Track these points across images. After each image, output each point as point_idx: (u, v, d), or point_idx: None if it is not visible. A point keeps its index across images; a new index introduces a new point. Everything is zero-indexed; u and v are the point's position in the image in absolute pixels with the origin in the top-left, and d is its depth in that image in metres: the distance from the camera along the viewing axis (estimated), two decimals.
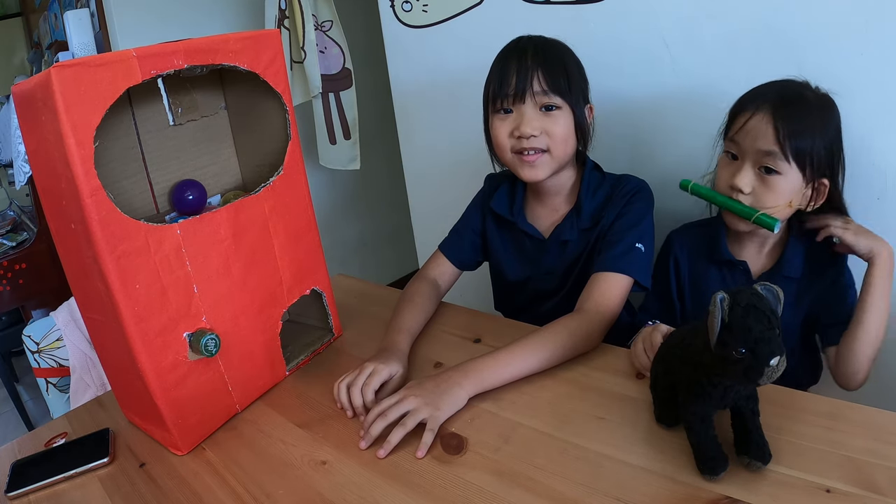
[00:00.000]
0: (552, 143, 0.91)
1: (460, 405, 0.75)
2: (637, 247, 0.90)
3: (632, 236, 0.91)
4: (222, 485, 0.70)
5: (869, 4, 0.84)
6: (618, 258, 0.89)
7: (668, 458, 0.63)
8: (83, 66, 0.60)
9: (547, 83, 0.89)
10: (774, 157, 0.80)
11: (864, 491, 0.55)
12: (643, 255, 0.90)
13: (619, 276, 0.88)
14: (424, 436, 0.70)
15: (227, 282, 0.78)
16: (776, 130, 0.79)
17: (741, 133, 0.83)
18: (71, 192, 0.63)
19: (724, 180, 0.87)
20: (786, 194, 0.81)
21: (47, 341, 1.38)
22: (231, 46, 0.76)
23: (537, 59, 0.90)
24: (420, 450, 0.69)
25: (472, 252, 1.09)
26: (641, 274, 0.90)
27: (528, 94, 0.89)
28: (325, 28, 1.95)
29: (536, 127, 0.90)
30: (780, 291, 0.56)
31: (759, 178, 0.82)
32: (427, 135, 1.52)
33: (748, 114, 0.83)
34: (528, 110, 0.91)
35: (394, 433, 0.70)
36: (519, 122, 0.91)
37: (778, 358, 0.52)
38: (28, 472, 0.76)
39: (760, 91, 0.84)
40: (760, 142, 0.81)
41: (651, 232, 0.94)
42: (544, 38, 0.94)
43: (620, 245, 0.90)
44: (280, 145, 0.87)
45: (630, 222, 0.93)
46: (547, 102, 0.90)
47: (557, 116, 0.91)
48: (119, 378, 0.81)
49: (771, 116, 0.80)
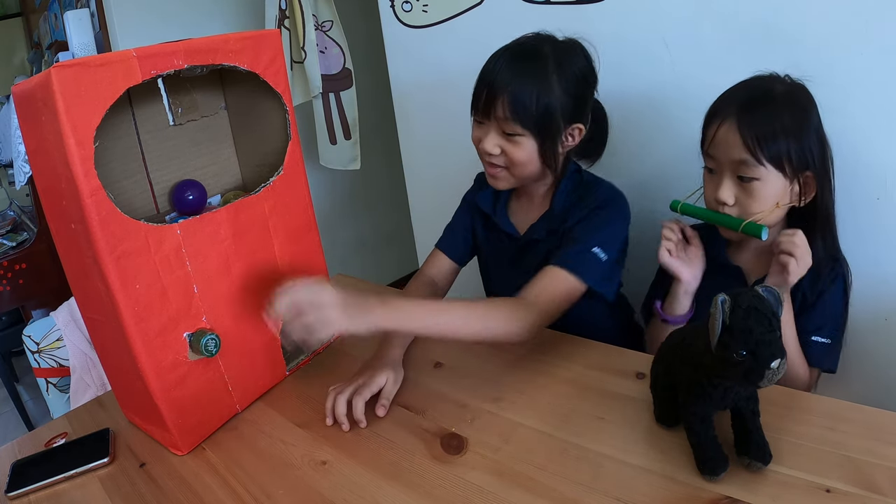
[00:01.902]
0: (511, 165, 0.90)
1: (364, 327, 0.71)
2: (594, 251, 0.86)
3: (591, 240, 0.87)
4: (222, 485, 0.70)
5: (869, 4, 0.84)
6: (569, 256, 0.86)
7: (668, 458, 0.63)
8: (83, 66, 0.60)
9: (509, 111, 0.85)
10: (748, 165, 0.79)
11: (864, 491, 0.55)
12: (600, 261, 0.86)
13: (565, 273, 0.85)
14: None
15: (227, 282, 0.78)
16: (743, 138, 0.78)
17: (713, 146, 0.83)
18: (71, 192, 0.63)
19: (709, 195, 0.87)
20: (769, 198, 0.81)
21: (47, 341, 1.38)
22: (231, 46, 0.76)
23: (504, 82, 0.86)
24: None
25: (465, 247, 1.09)
26: (593, 278, 0.86)
27: (493, 116, 0.88)
28: (326, 28, 1.95)
29: (495, 146, 0.89)
30: (781, 294, 0.56)
31: (740, 187, 0.82)
32: (427, 135, 1.52)
33: (715, 125, 0.83)
34: (491, 129, 0.90)
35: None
36: (483, 137, 0.91)
37: (779, 360, 0.52)
38: (28, 472, 0.76)
39: (725, 97, 0.84)
40: (731, 152, 0.80)
41: (617, 242, 0.90)
42: (525, 54, 0.88)
43: (577, 245, 0.88)
44: (280, 145, 0.87)
45: (592, 226, 0.90)
46: (508, 130, 0.88)
47: (519, 142, 0.88)
48: (119, 378, 0.81)
49: (736, 125, 0.79)
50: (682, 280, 0.88)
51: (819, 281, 0.85)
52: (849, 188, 0.91)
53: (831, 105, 0.87)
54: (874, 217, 0.91)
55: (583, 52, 0.91)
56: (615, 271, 0.90)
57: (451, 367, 0.86)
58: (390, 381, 0.81)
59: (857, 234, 0.92)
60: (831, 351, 0.85)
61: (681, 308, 0.89)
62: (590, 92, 0.93)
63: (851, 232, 0.91)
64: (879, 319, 0.94)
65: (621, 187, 0.98)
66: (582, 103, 0.90)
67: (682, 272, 0.88)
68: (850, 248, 0.89)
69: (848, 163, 0.90)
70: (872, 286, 0.93)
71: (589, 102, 0.93)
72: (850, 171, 0.90)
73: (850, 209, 0.91)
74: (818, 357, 0.84)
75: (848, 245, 0.89)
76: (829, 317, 0.85)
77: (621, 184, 0.98)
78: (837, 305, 0.86)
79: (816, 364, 0.85)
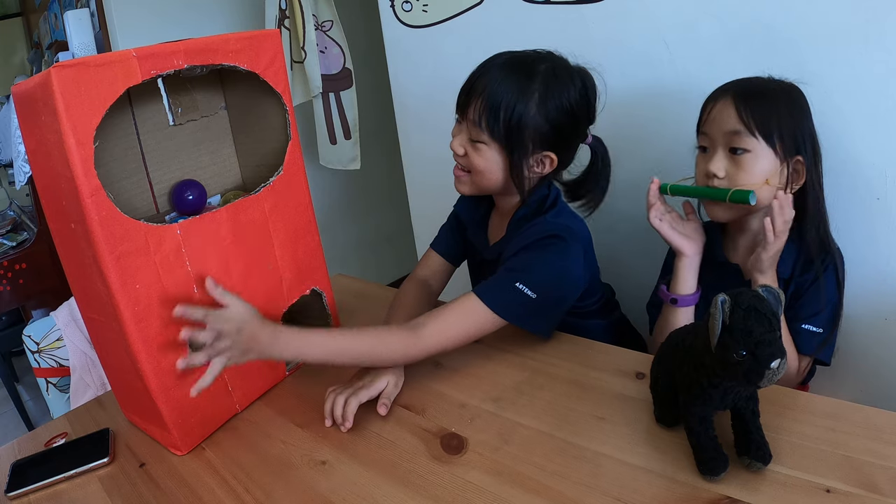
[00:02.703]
0: (472, 169, 0.90)
1: (255, 358, 0.73)
2: (517, 286, 0.82)
3: (518, 276, 0.82)
4: (222, 485, 0.70)
5: (869, 4, 0.84)
6: (490, 287, 0.83)
7: (668, 458, 0.63)
8: (83, 66, 0.60)
9: (478, 116, 0.85)
10: (741, 136, 0.81)
11: (864, 491, 0.55)
12: (526, 297, 0.82)
13: (481, 304, 0.81)
14: (212, 365, 0.70)
15: (227, 282, 0.78)
16: (737, 109, 0.81)
17: (707, 123, 0.86)
18: (71, 192, 0.63)
19: (700, 173, 0.89)
20: (760, 173, 0.82)
21: (47, 341, 1.38)
22: (231, 46, 0.76)
23: (483, 86, 0.85)
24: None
25: (458, 247, 1.08)
26: (512, 314, 0.82)
27: (465, 117, 0.88)
28: (326, 28, 1.95)
29: (460, 146, 0.89)
30: (781, 293, 0.56)
31: (731, 159, 0.84)
32: (427, 135, 1.52)
33: (711, 104, 0.86)
34: (462, 130, 0.89)
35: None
36: (456, 134, 0.91)
37: (779, 360, 0.52)
38: (28, 472, 0.76)
39: (723, 85, 0.87)
40: (725, 124, 0.83)
41: (552, 281, 0.84)
42: (516, 65, 0.85)
43: (501, 277, 0.84)
44: (280, 145, 0.87)
45: (525, 261, 0.84)
46: (474, 135, 0.87)
47: (481, 149, 0.87)
48: (119, 378, 0.81)
49: (732, 100, 0.83)
50: (685, 254, 0.89)
51: (811, 269, 0.86)
52: (849, 188, 0.91)
53: (831, 105, 0.87)
54: (874, 217, 0.91)
55: (582, 85, 0.87)
56: (547, 310, 0.85)
57: (451, 367, 0.86)
58: (391, 384, 0.80)
59: (856, 234, 0.92)
60: (824, 341, 0.85)
61: (686, 286, 0.89)
62: (573, 126, 0.88)
63: (851, 232, 0.91)
64: (879, 319, 0.94)
65: (621, 186, 0.98)
66: (560, 134, 0.86)
67: (684, 246, 0.89)
68: (849, 248, 0.89)
69: (848, 163, 0.90)
70: (872, 286, 0.93)
71: (570, 136, 0.89)
72: (850, 171, 0.90)
73: (850, 209, 0.91)
74: (808, 345, 0.85)
75: (848, 245, 0.89)
76: (822, 306, 0.85)
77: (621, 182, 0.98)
78: (831, 295, 0.86)
79: (806, 352, 0.85)
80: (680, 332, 0.67)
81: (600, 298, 0.99)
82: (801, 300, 0.86)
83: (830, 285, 0.86)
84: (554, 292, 0.85)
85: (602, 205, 0.97)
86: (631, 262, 1.17)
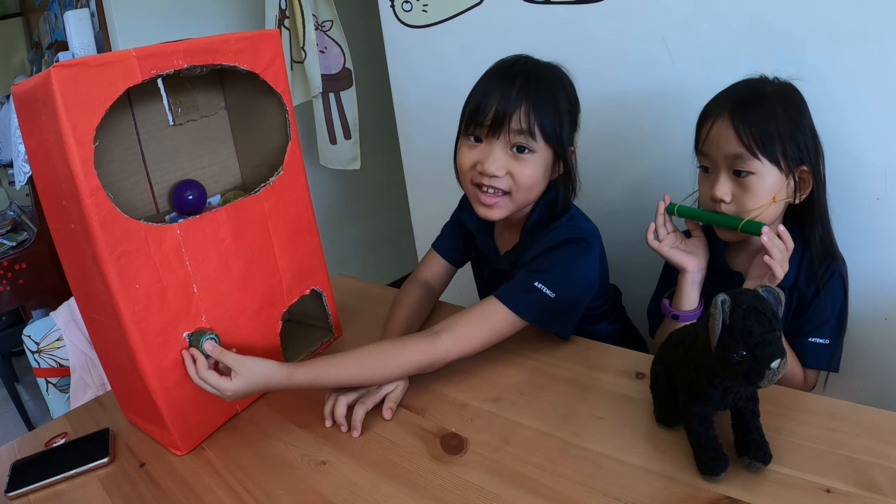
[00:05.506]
0: (515, 188, 0.84)
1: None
2: (537, 285, 0.81)
3: (538, 276, 0.82)
4: (222, 485, 0.70)
5: (869, 4, 0.84)
6: (511, 289, 0.82)
7: (668, 458, 0.63)
8: (83, 66, 0.60)
9: (528, 122, 0.80)
10: (743, 159, 0.79)
11: (864, 491, 0.55)
12: (546, 297, 0.81)
13: (502, 307, 0.81)
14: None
15: (227, 282, 0.78)
16: (737, 132, 0.79)
17: (707, 144, 0.84)
18: (71, 192, 0.63)
19: (704, 195, 0.87)
20: (766, 193, 0.80)
21: (47, 341, 1.38)
22: (231, 46, 0.76)
23: (525, 93, 0.81)
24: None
25: (460, 248, 1.07)
26: (533, 314, 0.81)
27: (504, 130, 0.81)
28: (326, 28, 1.95)
29: (502, 167, 0.83)
30: (781, 294, 0.56)
31: (736, 182, 0.82)
32: (427, 135, 1.52)
33: (708, 123, 0.83)
34: (497, 148, 0.83)
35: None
36: (485, 157, 0.84)
37: (779, 360, 0.52)
38: (28, 472, 0.76)
39: (718, 98, 0.85)
40: (726, 147, 0.80)
41: (570, 281, 0.83)
42: (540, 66, 0.86)
43: (521, 279, 0.83)
44: (280, 145, 0.87)
45: (543, 265, 0.83)
46: (520, 143, 0.82)
47: (528, 160, 0.83)
48: (119, 378, 0.81)
49: (730, 120, 0.80)
50: (688, 270, 0.88)
51: (815, 279, 0.85)
52: (849, 188, 0.91)
53: (831, 105, 0.87)
54: (874, 217, 0.91)
55: (567, 78, 0.89)
56: (566, 310, 0.84)
57: (451, 367, 0.86)
58: (397, 388, 0.80)
59: (857, 234, 0.92)
60: (830, 351, 0.84)
61: (689, 302, 0.88)
62: (579, 117, 0.90)
63: (852, 232, 0.91)
64: (879, 319, 0.94)
65: (620, 187, 0.98)
66: (573, 130, 0.89)
67: (686, 262, 0.88)
68: (850, 248, 0.89)
69: (848, 163, 0.90)
70: (872, 286, 0.93)
71: (574, 131, 0.90)
72: (850, 171, 0.90)
73: (850, 209, 0.91)
74: (816, 358, 0.84)
75: (848, 245, 0.89)
76: (827, 316, 0.85)
77: (620, 183, 0.98)
78: (836, 304, 0.85)
79: (814, 365, 0.84)
80: (680, 332, 0.67)
81: (607, 300, 0.99)
82: (808, 312, 0.85)
83: (837, 293, 0.85)
84: (572, 292, 0.84)
85: (602, 205, 0.97)
86: (631, 263, 1.17)
